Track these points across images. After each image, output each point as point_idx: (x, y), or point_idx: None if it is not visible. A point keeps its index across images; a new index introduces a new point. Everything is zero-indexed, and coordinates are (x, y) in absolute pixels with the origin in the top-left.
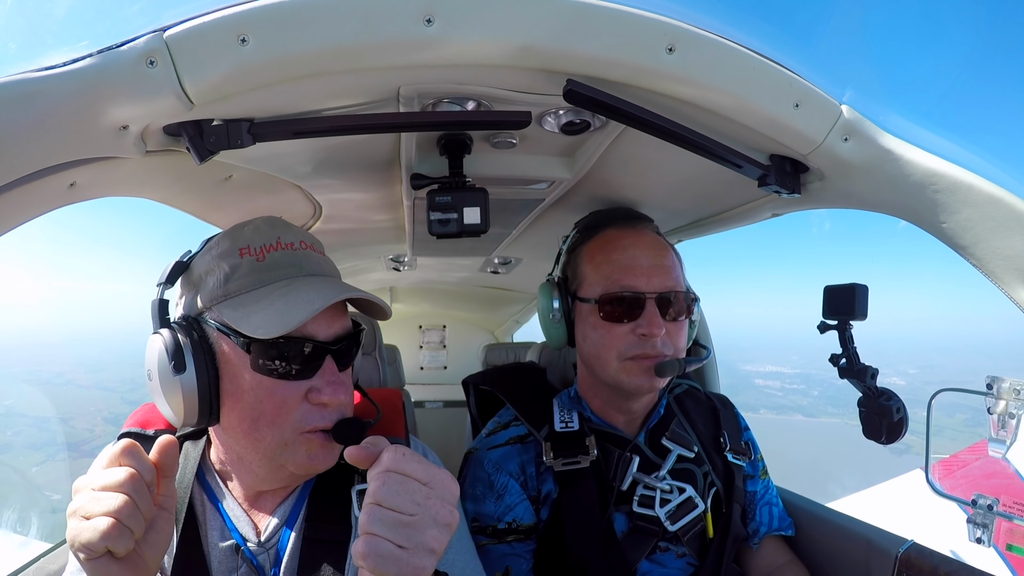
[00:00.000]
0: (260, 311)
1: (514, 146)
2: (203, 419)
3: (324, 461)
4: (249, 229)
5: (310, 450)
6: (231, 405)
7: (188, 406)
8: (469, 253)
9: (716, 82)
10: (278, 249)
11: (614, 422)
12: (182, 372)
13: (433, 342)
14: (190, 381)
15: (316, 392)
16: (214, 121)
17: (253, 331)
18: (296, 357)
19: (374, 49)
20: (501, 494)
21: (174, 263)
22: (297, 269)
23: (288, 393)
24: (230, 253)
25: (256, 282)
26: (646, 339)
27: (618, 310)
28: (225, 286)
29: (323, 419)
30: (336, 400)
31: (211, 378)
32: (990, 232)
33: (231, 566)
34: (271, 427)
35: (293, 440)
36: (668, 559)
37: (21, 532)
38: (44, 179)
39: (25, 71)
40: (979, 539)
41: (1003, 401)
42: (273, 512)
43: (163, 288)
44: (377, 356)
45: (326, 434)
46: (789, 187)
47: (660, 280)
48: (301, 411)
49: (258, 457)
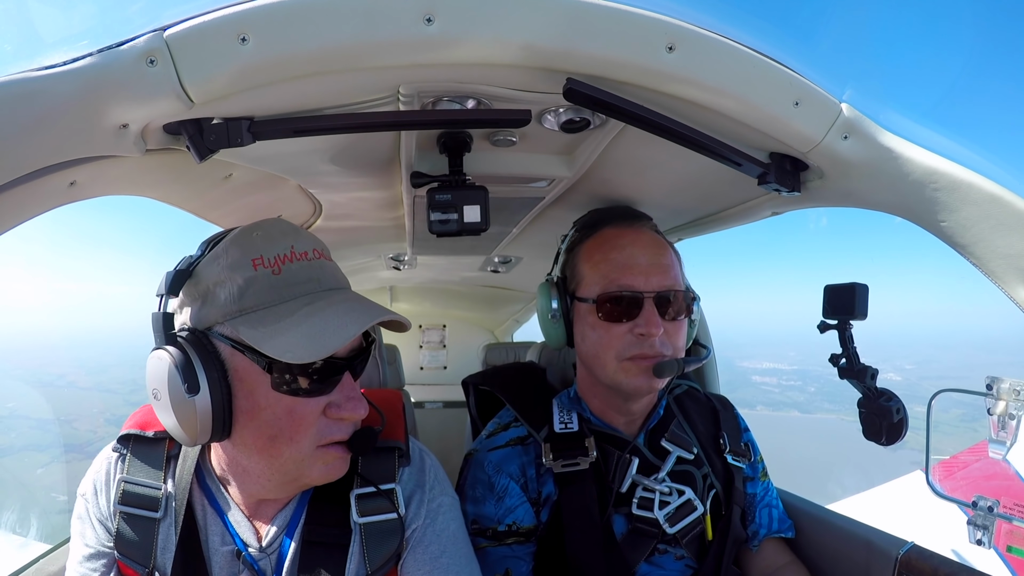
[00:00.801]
0: (285, 332)
1: (514, 144)
2: (215, 437)
3: (340, 471)
4: (259, 236)
5: (327, 462)
6: (245, 422)
7: (202, 427)
8: (469, 252)
9: (716, 81)
10: (293, 260)
11: (613, 423)
12: (196, 393)
13: (433, 342)
14: (204, 402)
15: (335, 407)
16: (214, 120)
17: (280, 354)
18: (316, 375)
19: (374, 48)
20: (501, 496)
21: (175, 272)
22: (316, 284)
23: (308, 410)
24: (242, 264)
25: (275, 298)
26: (644, 339)
27: (616, 310)
28: (240, 301)
29: (341, 432)
30: (355, 415)
31: (225, 397)
32: (990, 231)
33: (232, 571)
34: (289, 443)
35: (311, 454)
36: (667, 561)
37: (23, 533)
38: (44, 178)
39: (25, 71)
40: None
41: (1003, 402)
42: (274, 518)
43: (165, 300)
44: (377, 356)
45: (343, 446)
46: (789, 185)
47: (658, 279)
48: (319, 426)
49: (271, 471)
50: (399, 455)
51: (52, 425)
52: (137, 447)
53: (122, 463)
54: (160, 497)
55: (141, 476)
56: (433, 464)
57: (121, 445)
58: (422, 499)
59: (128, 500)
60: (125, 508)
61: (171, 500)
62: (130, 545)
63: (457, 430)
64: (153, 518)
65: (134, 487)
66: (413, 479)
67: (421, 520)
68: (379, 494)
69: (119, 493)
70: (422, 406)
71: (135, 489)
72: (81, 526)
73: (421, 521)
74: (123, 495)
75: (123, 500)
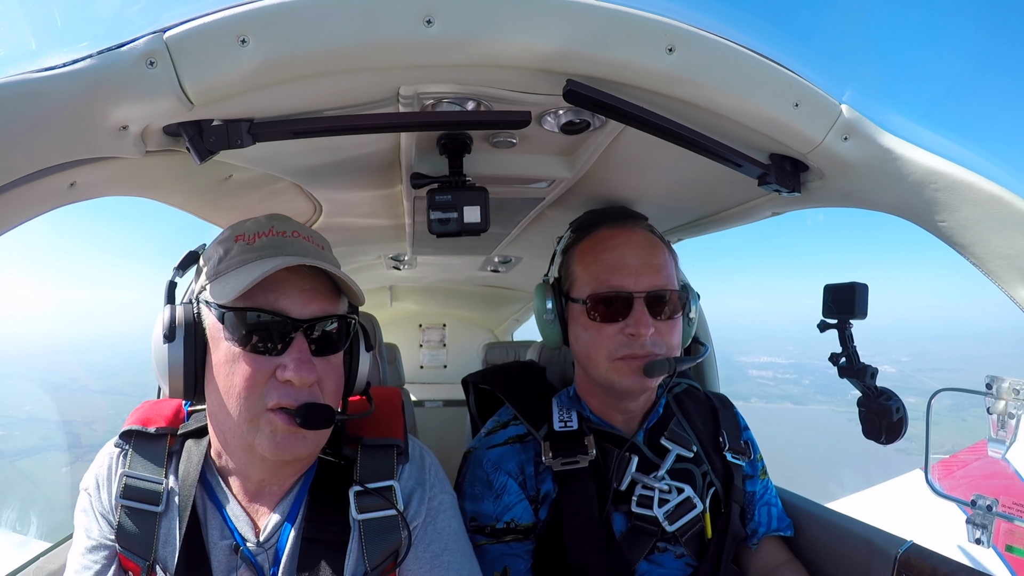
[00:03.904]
0: (228, 282)
1: (514, 145)
2: (189, 391)
3: (291, 447)
4: (251, 221)
5: (275, 431)
6: (210, 378)
7: (173, 374)
8: (469, 252)
9: (716, 82)
10: (269, 235)
11: (613, 421)
12: (171, 341)
13: (433, 341)
14: (177, 349)
15: (282, 369)
16: (214, 121)
17: (217, 297)
18: (264, 330)
19: (374, 49)
20: (500, 494)
21: (188, 252)
22: (277, 250)
23: (257, 367)
24: (227, 239)
25: (240, 262)
26: (635, 339)
27: (607, 310)
28: (216, 267)
29: (287, 397)
30: (301, 378)
31: (197, 351)
32: (990, 231)
33: (231, 566)
34: (238, 400)
35: (259, 416)
36: (667, 559)
37: (61, 522)
38: (44, 179)
39: (25, 71)
40: (978, 540)
41: (1002, 401)
42: (273, 510)
43: (176, 272)
44: (377, 355)
45: (289, 416)
46: (789, 186)
47: (649, 279)
48: (268, 387)
49: (230, 435)
50: (398, 452)
51: (71, 427)
52: (139, 443)
53: (124, 458)
54: (161, 491)
55: (143, 471)
56: (433, 463)
57: (123, 441)
58: (423, 497)
59: (129, 494)
60: (126, 502)
61: (173, 495)
62: (131, 538)
63: (457, 429)
64: (154, 512)
65: (136, 481)
66: (414, 477)
67: (422, 518)
68: (378, 491)
69: (121, 487)
70: (422, 405)
71: (136, 483)
72: (84, 519)
73: (422, 519)
74: (125, 489)
75: (124, 494)
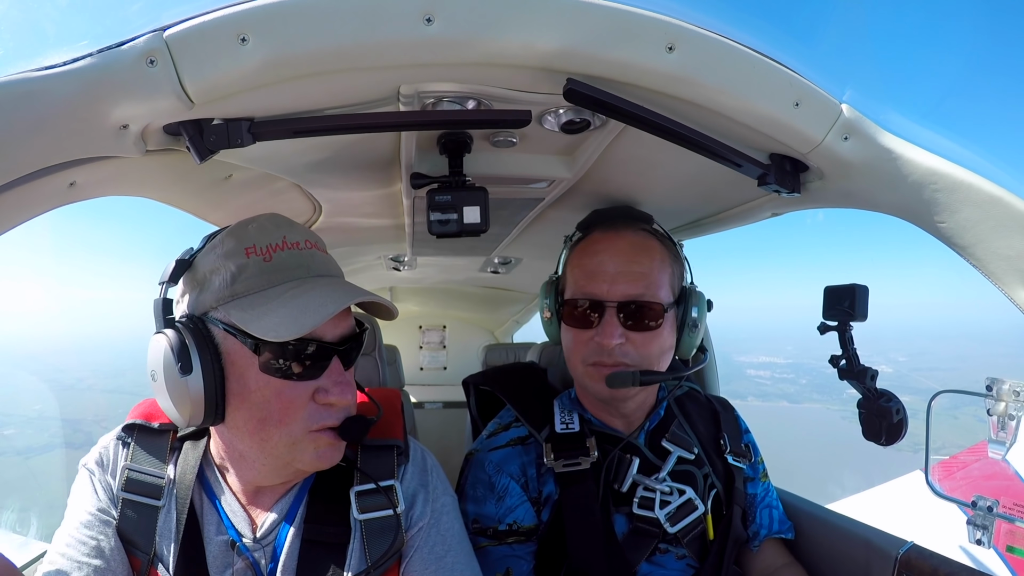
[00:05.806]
0: (271, 313)
1: (514, 145)
2: (208, 419)
3: (331, 458)
4: (253, 227)
5: (318, 448)
6: (237, 405)
7: (194, 407)
8: (469, 253)
9: (716, 81)
10: (284, 249)
11: (612, 424)
12: (188, 373)
13: (433, 342)
14: (197, 382)
15: (323, 392)
16: (214, 120)
17: (264, 333)
18: (304, 358)
19: (374, 49)
20: (502, 496)
21: (176, 261)
22: (304, 270)
23: (295, 393)
24: (236, 253)
25: (264, 283)
26: (603, 347)
27: (580, 316)
28: (232, 286)
29: (331, 418)
30: (343, 400)
31: (217, 379)
32: (990, 232)
33: (226, 562)
34: (278, 427)
35: (301, 439)
36: (668, 561)
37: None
38: (44, 178)
39: (25, 71)
40: (979, 541)
41: (1003, 403)
42: (271, 508)
43: (166, 287)
44: (377, 356)
45: (333, 432)
46: (789, 186)
47: (624, 288)
48: (308, 411)
49: (263, 456)
50: (398, 452)
51: (81, 425)
52: (141, 437)
53: (126, 451)
54: (163, 486)
55: (145, 464)
56: (434, 464)
57: (125, 434)
58: (426, 498)
59: (131, 487)
60: (128, 495)
61: (172, 490)
62: (133, 532)
63: (457, 430)
64: (155, 506)
65: (138, 475)
66: (416, 478)
67: (426, 520)
68: (379, 490)
69: (123, 480)
70: (422, 406)
71: (139, 476)
72: (83, 495)
73: (426, 520)
74: (127, 482)
75: (127, 487)
